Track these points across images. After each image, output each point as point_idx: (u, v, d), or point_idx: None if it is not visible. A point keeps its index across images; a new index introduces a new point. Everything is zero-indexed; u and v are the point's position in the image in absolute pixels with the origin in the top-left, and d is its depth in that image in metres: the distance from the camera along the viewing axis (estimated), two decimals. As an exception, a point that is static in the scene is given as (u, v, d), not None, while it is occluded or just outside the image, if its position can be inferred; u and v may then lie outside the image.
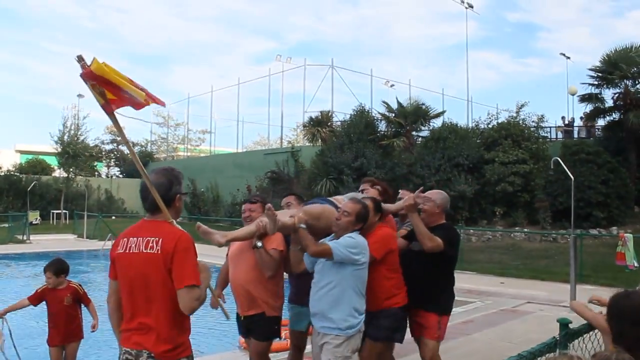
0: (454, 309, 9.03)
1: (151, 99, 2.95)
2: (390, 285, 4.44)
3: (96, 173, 42.80)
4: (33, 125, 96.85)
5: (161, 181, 3.09)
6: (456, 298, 10.20)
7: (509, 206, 22.24)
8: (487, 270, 13.91)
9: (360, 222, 4.07)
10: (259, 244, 4.26)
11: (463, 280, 12.07)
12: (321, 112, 31.88)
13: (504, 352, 2.68)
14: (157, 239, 2.95)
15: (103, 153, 44.84)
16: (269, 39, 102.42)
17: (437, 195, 4.81)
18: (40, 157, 42.20)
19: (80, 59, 2.70)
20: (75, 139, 32.98)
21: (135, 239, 3.02)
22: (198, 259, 3.05)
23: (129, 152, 4.10)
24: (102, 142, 45.57)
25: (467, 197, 21.85)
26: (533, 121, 24.43)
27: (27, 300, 5.47)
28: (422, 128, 27.68)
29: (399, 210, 4.85)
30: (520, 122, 23.81)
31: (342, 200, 4.62)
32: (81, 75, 2.77)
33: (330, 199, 4.81)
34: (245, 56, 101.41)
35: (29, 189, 30.54)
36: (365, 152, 24.35)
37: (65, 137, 32.73)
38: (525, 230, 20.65)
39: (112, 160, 47.12)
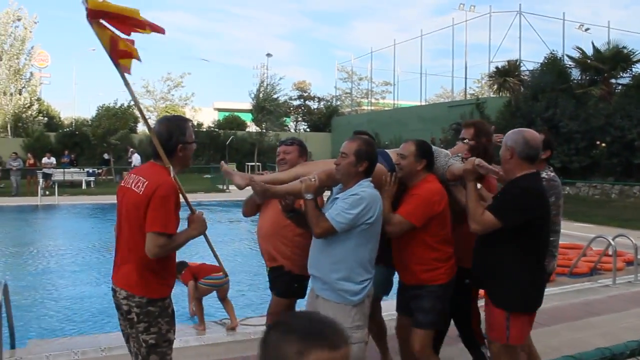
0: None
1: (149, 26, 3.00)
2: (433, 257, 3.65)
3: (285, 128, 45.00)
4: (228, 85, 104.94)
5: (160, 130, 3.13)
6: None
7: None
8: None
9: (364, 161, 3.30)
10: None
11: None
12: (508, 61, 30.46)
13: None
14: (145, 180, 3.01)
15: (291, 109, 46.94)
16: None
17: (510, 136, 3.46)
18: (235, 114, 45.44)
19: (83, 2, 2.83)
20: (270, 96, 35.10)
21: (135, 176, 3.11)
22: (198, 210, 3.17)
23: (133, 101, 4.16)
24: (290, 98, 47.71)
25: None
26: None
27: None
28: (623, 75, 24.95)
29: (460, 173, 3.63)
30: None
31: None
32: (87, 19, 2.88)
33: (388, 151, 3.95)
34: (427, 8, 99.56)
35: (227, 143, 33.24)
36: (558, 101, 22.84)
37: (261, 95, 34.97)
38: None
39: (300, 115, 49.10)
